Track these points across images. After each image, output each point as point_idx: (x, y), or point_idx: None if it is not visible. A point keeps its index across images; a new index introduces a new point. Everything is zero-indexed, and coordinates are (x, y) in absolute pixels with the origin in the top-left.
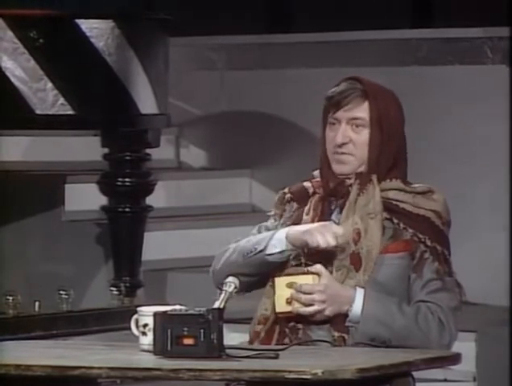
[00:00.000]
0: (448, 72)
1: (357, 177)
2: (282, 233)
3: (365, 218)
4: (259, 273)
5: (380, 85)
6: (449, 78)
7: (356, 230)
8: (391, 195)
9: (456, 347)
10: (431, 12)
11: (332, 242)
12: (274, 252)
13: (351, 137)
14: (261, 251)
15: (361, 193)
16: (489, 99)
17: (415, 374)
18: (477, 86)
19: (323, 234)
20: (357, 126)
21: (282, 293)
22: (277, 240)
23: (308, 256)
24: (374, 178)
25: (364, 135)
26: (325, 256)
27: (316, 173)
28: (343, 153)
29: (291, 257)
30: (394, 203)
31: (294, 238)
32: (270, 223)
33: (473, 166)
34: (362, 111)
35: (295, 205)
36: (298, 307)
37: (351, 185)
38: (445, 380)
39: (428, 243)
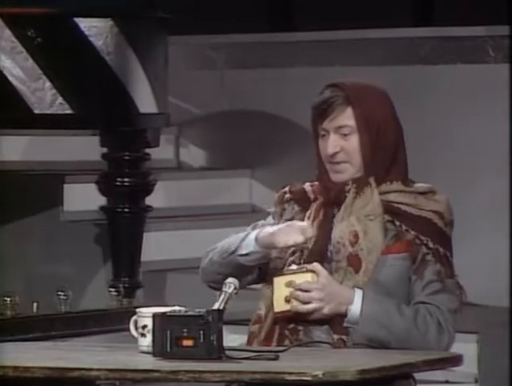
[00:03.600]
0: (450, 71)
1: (353, 182)
2: (253, 235)
3: (364, 220)
4: (239, 275)
5: (364, 86)
6: (451, 77)
7: (352, 232)
8: (392, 197)
9: (458, 349)
10: (432, 10)
11: (298, 239)
12: (243, 253)
13: (342, 146)
14: (233, 251)
15: (357, 196)
16: (491, 98)
17: (417, 375)
18: (479, 85)
19: (288, 233)
20: (345, 135)
21: (281, 292)
22: (248, 241)
23: (305, 257)
24: (372, 180)
25: (354, 141)
26: (321, 258)
27: None
28: (337, 163)
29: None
30: (396, 205)
31: (262, 240)
32: (268, 221)
33: (473, 165)
34: (347, 118)
35: (296, 207)
36: (296, 305)
37: (349, 191)
38: (447, 382)
39: (431, 245)
